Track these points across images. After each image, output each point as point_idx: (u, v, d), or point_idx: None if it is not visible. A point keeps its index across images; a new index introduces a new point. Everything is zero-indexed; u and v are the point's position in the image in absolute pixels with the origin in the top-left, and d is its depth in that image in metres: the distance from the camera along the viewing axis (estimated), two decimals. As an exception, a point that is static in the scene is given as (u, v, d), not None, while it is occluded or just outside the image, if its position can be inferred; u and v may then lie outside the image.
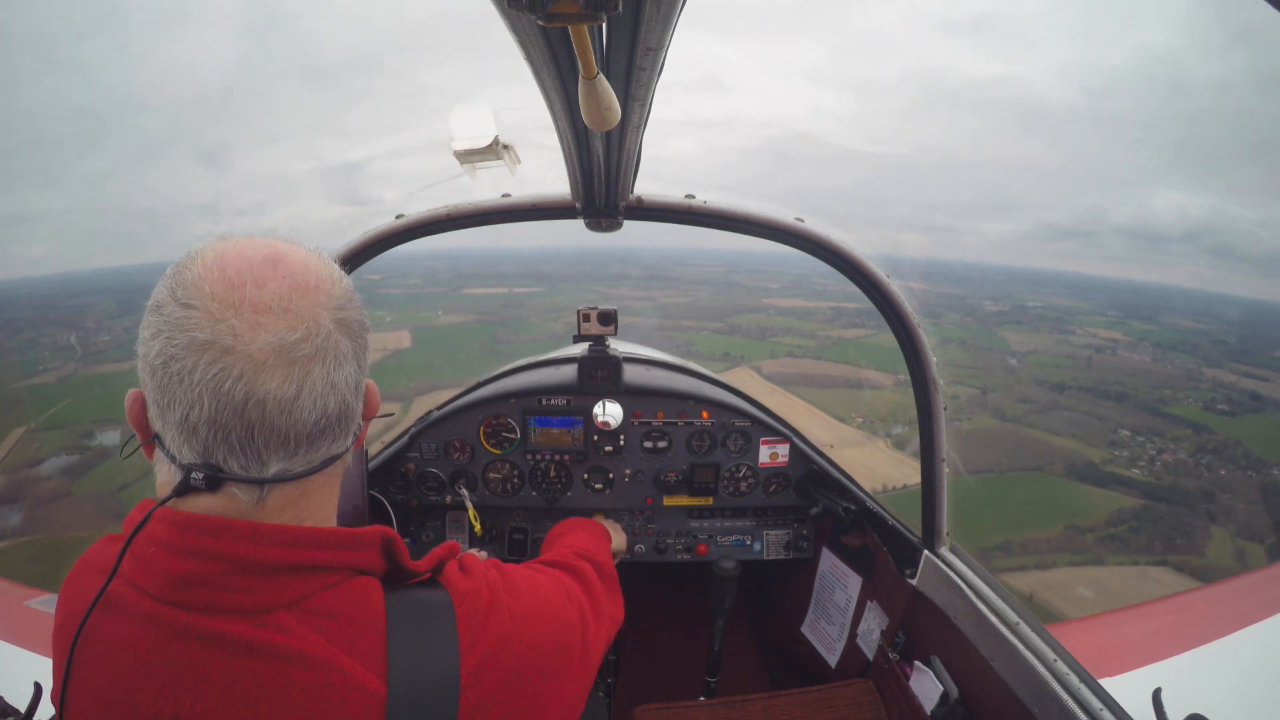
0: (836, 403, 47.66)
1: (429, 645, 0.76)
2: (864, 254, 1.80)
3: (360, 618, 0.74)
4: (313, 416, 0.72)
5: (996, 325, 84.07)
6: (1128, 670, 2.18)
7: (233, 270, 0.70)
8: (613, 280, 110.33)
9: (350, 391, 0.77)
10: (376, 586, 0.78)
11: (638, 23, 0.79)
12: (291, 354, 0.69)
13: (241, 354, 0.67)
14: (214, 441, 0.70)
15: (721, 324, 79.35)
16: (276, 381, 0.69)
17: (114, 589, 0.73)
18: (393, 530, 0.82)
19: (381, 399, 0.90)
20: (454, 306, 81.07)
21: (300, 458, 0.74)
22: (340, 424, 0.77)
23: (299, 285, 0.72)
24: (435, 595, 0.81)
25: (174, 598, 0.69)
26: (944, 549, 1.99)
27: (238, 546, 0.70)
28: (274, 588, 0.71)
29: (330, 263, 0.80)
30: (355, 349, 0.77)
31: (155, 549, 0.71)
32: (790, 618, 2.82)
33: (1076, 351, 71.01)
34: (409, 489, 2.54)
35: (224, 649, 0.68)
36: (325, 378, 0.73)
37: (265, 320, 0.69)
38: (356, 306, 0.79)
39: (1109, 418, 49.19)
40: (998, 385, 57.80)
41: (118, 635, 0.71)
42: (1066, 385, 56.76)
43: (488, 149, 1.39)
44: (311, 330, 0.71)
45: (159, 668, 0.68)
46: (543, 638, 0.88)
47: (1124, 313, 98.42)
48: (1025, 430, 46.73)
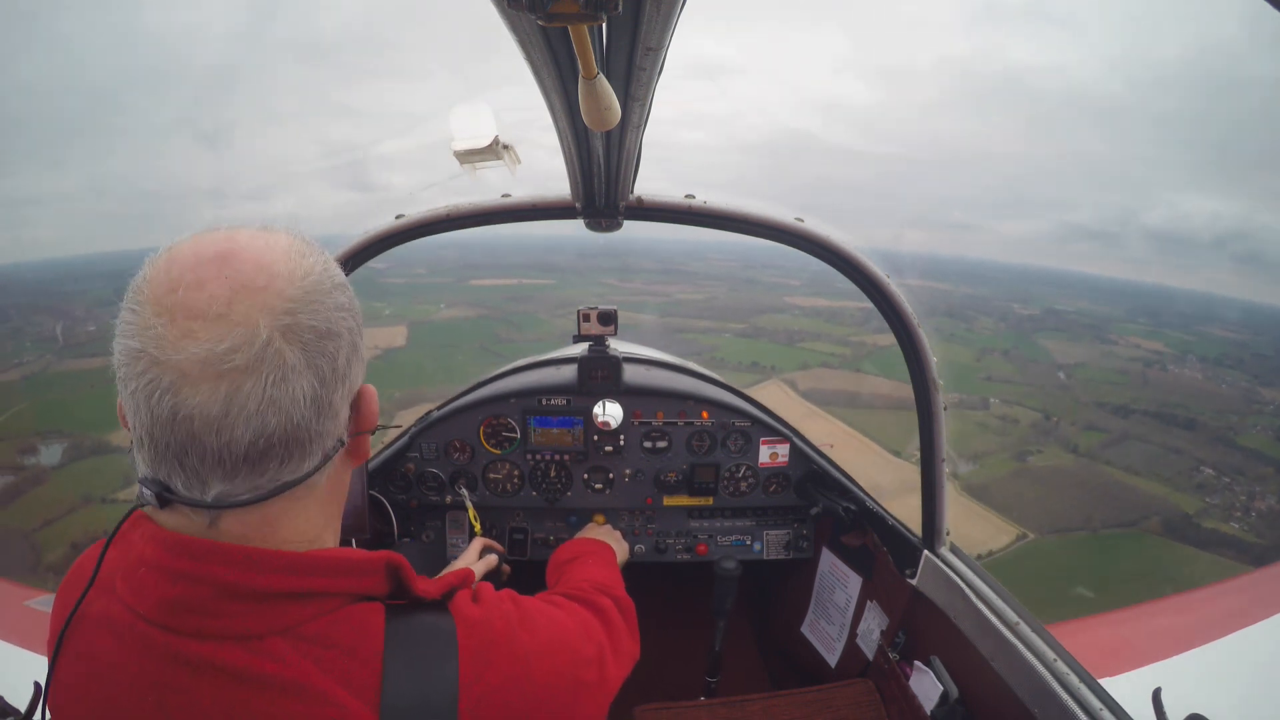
0: (885, 429, 42.99)
1: (427, 676, 0.72)
2: (864, 254, 1.80)
3: (357, 647, 0.71)
4: (247, 436, 0.64)
5: (1033, 332, 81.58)
6: (1128, 670, 2.18)
7: (177, 270, 0.65)
8: (626, 273, 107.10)
9: (303, 408, 0.67)
10: (378, 612, 0.74)
11: (638, 23, 0.79)
12: (218, 366, 0.62)
13: (169, 365, 0.62)
14: (157, 457, 0.66)
15: (744, 325, 76.64)
16: (201, 396, 0.62)
17: (109, 609, 0.71)
18: (399, 555, 0.78)
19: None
20: (458, 298, 79.03)
21: (242, 481, 0.67)
22: (289, 446, 0.68)
23: (243, 286, 0.64)
24: (440, 622, 0.77)
25: (165, 621, 0.67)
26: (944, 549, 1.99)
27: (228, 571, 0.67)
28: (267, 613, 0.68)
29: (302, 257, 0.71)
30: (310, 360, 0.67)
31: (145, 570, 0.69)
32: (790, 618, 2.82)
33: (1126, 366, 69.57)
34: (409, 489, 2.54)
35: (214, 676, 0.66)
36: (261, 393, 0.64)
37: (197, 327, 0.62)
38: (320, 310, 0.69)
39: (1185, 451, 47.32)
40: (1057, 408, 55.43)
41: (111, 657, 0.69)
42: (1130, 409, 55.06)
43: (488, 149, 1.39)
44: (244, 339, 0.63)
45: (150, 693, 0.66)
46: (556, 676, 0.83)
47: (1154, 319, 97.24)
48: (1104, 469, 43.89)
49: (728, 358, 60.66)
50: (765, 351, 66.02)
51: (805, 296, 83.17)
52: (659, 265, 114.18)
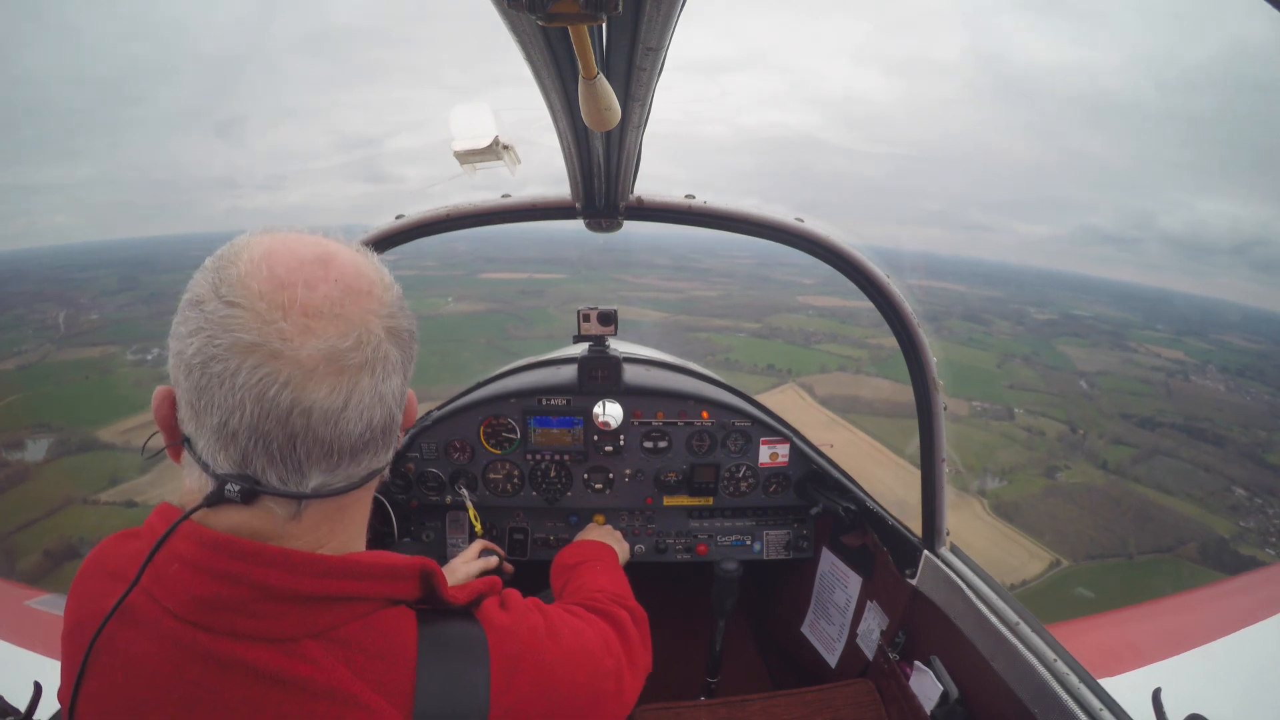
0: (909, 439, 42.70)
1: (459, 684, 0.73)
2: (864, 253, 1.80)
3: (390, 652, 0.71)
4: (358, 429, 0.69)
5: (1052, 337, 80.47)
6: (1128, 670, 2.18)
7: (282, 269, 0.67)
8: (640, 268, 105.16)
9: (396, 404, 0.74)
10: (410, 618, 0.75)
11: (638, 23, 0.80)
12: (342, 362, 0.66)
13: (289, 359, 0.64)
14: (253, 451, 0.67)
15: (759, 325, 75.59)
16: (324, 391, 0.66)
17: (134, 600, 0.70)
18: (433, 563, 0.79)
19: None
20: (468, 292, 78.19)
21: (341, 471, 0.72)
22: (384, 437, 0.75)
23: (351, 289, 0.69)
24: (470, 631, 0.78)
25: (196, 618, 0.67)
26: (944, 549, 1.99)
27: (268, 573, 0.67)
28: (302, 616, 0.69)
29: (381, 267, 0.77)
30: (404, 359, 0.75)
31: (179, 566, 0.69)
32: (790, 618, 2.83)
33: (1149, 375, 68.90)
34: (409, 489, 2.54)
35: (245, 676, 0.66)
36: (374, 389, 0.70)
37: (315, 325, 0.65)
38: (406, 314, 0.76)
39: (1215, 468, 46.71)
40: (1083, 419, 54.77)
41: (136, 651, 0.69)
42: (1156, 422, 54.36)
43: (488, 149, 1.39)
44: (363, 338, 0.68)
45: (177, 690, 0.66)
46: (579, 687, 0.85)
47: (1172, 326, 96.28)
48: (1134, 488, 43.13)
49: (743, 360, 59.98)
50: (780, 353, 65.37)
51: (819, 295, 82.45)
52: (672, 261, 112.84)
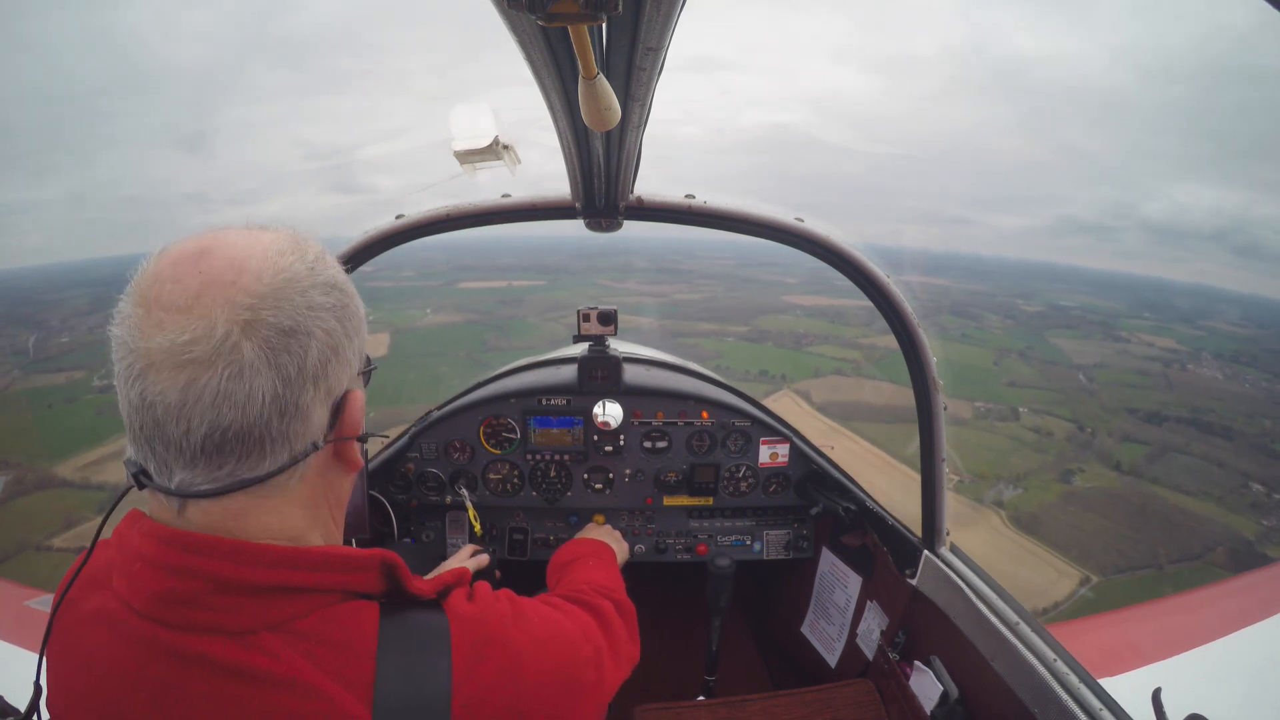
0: (911, 445, 42.05)
1: (420, 673, 0.72)
2: (864, 253, 1.80)
3: (350, 643, 0.71)
4: (202, 428, 0.66)
5: (1043, 330, 79.09)
6: (1128, 670, 2.18)
7: (166, 264, 0.69)
8: (619, 273, 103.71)
9: (262, 407, 0.67)
10: (372, 610, 0.75)
11: (638, 23, 0.80)
12: (180, 357, 0.64)
13: (140, 352, 0.66)
14: (135, 440, 0.70)
15: (747, 328, 73.54)
16: (163, 385, 0.65)
17: (105, 604, 0.72)
18: (394, 554, 0.78)
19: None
20: (446, 303, 76.61)
21: (201, 472, 0.68)
22: (245, 443, 0.68)
23: (212, 281, 0.67)
24: (434, 620, 0.78)
25: (157, 615, 0.68)
26: (944, 549, 1.99)
27: (221, 566, 0.68)
28: (258, 608, 0.69)
29: (280, 255, 0.71)
30: (272, 358, 0.67)
31: (140, 564, 0.70)
32: (790, 618, 2.82)
33: (1145, 365, 67.85)
34: (409, 489, 2.54)
35: (206, 670, 0.66)
36: (216, 387, 0.65)
37: (166, 319, 0.65)
38: (289, 307, 0.69)
39: (1229, 464, 45.80)
40: (1088, 416, 53.44)
41: (106, 651, 0.70)
42: (1162, 415, 53.28)
43: (488, 149, 1.39)
44: (202, 332, 0.65)
45: (143, 687, 0.67)
46: (550, 676, 0.83)
47: (1158, 314, 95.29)
48: (1153, 489, 41.88)
49: (734, 365, 58.48)
50: (772, 357, 63.83)
51: (804, 295, 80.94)
52: (652, 264, 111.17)
